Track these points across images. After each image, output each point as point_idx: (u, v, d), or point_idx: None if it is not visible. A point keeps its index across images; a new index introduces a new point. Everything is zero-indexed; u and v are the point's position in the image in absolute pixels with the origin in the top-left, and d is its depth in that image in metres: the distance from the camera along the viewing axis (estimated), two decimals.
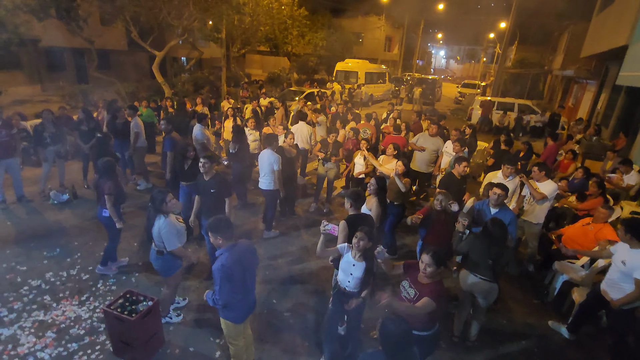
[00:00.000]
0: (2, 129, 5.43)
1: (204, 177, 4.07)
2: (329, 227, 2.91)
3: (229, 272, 2.57)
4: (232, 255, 2.63)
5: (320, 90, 15.58)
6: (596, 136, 8.40)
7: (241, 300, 2.77)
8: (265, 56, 28.92)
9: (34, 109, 10.70)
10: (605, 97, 13.16)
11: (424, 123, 8.90)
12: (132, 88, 14.45)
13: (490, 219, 3.38)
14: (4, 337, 3.38)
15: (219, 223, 2.66)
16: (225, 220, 2.71)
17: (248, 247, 2.84)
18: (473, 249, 3.36)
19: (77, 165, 7.16)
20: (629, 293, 3.12)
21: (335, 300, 3.07)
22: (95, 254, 4.73)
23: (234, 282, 2.62)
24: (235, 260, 2.62)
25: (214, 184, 4.03)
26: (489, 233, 3.23)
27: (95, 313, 3.73)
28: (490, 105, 15.02)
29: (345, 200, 3.48)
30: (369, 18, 32.22)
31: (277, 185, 5.09)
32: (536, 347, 3.73)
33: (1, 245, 4.82)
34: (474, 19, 36.71)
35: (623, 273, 3.17)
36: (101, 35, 15.63)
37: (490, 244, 3.23)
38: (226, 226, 2.66)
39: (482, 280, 3.28)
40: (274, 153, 5.04)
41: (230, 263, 2.59)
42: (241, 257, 2.69)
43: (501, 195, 3.86)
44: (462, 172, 4.77)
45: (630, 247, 3.17)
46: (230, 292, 2.62)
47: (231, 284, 2.60)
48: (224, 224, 2.67)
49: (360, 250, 2.81)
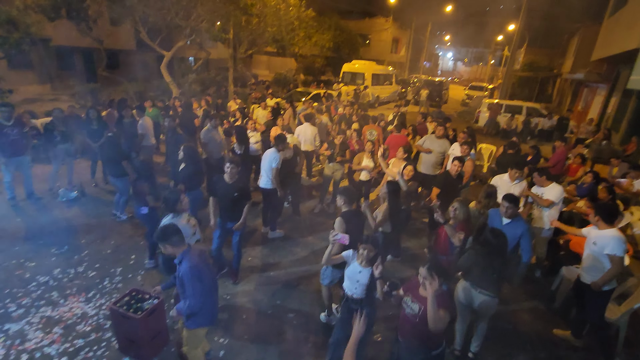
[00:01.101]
0: (14, 127, 5.51)
1: (226, 180, 4.06)
2: (338, 236, 2.89)
3: (198, 271, 2.57)
4: (192, 256, 2.62)
5: (326, 92, 15.58)
6: (606, 140, 8.28)
7: (210, 303, 2.77)
8: (272, 57, 28.98)
9: (44, 107, 10.85)
10: (615, 101, 12.99)
11: (430, 125, 8.86)
12: (140, 87, 14.58)
13: (490, 229, 3.19)
14: (12, 332, 3.43)
15: (166, 231, 2.63)
16: (171, 228, 2.66)
17: (201, 250, 2.80)
18: (476, 265, 3.19)
19: (86, 164, 7.24)
20: (606, 271, 3.25)
21: (343, 308, 3.07)
22: (102, 252, 4.78)
23: (204, 282, 2.62)
24: (198, 260, 2.62)
25: (237, 188, 4.05)
26: (489, 245, 3.06)
27: (102, 310, 3.77)
28: (498, 108, 14.90)
29: (338, 197, 3.52)
30: (376, 20, 32.18)
31: (275, 184, 5.07)
32: (543, 353, 3.68)
33: (11, 241, 4.89)
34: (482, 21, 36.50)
35: (595, 253, 3.34)
36: (110, 35, 15.81)
37: (492, 257, 3.08)
38: (174, 233, 2.63)
39: (484, 295, 3.17)
40: (276, 152, 5.05)
41: (195, 262, 2.59)
42: (201, 257, 2.70)
43: (509, 207, 3.66)
44: (456, 171, 4.83)
45: (599, 228, 3.36)
46: (203, 293, 2.61)
47: (202, 284, 2.60)
48: (171, 231, 2.63)
49: (368, 260, 2.84)
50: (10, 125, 5.46)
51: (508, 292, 4.49)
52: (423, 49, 36.70)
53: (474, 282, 3.22)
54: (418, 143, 6.77)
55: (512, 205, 3.67)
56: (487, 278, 3.13)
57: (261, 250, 5.14)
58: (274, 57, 28.76)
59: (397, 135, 6.89)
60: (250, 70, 26.10)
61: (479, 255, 3.19)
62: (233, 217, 4.09)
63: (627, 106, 11.52)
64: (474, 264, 3.20)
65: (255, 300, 4.11)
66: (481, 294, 3.19)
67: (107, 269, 4.45)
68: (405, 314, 2.64)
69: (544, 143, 12.92)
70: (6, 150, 5.47)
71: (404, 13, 30.94)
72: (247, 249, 5.04)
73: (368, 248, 2.80)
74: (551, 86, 26.93)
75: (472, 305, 3.29)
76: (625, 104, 11.83)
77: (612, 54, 11.88)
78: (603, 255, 3.27)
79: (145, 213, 4.21)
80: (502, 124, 14.33)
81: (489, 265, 3.10)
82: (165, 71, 13.14)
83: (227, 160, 4.18)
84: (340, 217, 3.37)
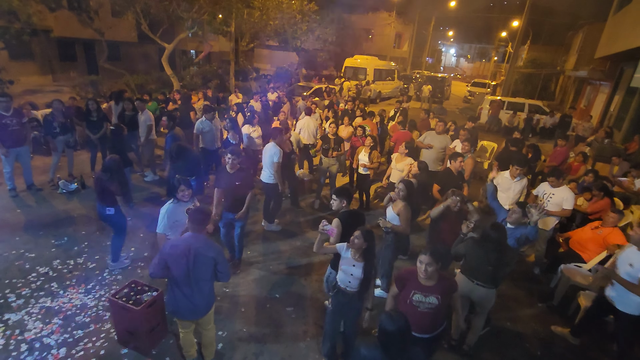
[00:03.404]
0: (14, 118, 5.49)
1: (228, 171, 4.10)
2: (327, 227, 2.91)
3: (164, 255, 2.64)
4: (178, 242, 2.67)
5: (328, 86, 15.50)
6: (608, 139, 8.24)
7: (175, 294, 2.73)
8: (274, 51, 28.85)
9: (45, 98, 10.81)
10: (619, 99, 12.91)
11: (432, 121, 8.82)
12: (141, 80, 14.54)
13: (491, 223, 3.22)
14: (12, 322, 3.44)
15: (198, 214, 2.72)
16: (204, 215, 2.75)
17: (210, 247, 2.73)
18: (471, 254, 3.23)
19: (86, 156, 7.23)
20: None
21: (334, 300, 3.06)
22: (102, 244, 4.79)
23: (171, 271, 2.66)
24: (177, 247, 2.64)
25: (239, 177, 4.09)
26: (489, 238, 3.10)
27: (101, 302, 3.78)
28: (500, 105, 14.83)
29: (334, 197, 3.48)
30: (379, 14, 31.90)
31: (276, 178, 5.07)
32: (539, 351, 3.70)
33: (11, 232, 4.90)
34: (485, 17, 36.18)
35: (630, 276, 3.13)
36: (111, 26, 15.72)
37: (489, 250, 3.10)
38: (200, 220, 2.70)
39: (479, 286, 3.20)
40: (276, 146, 5.03)
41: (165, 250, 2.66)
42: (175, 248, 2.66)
43: (515, 212, 3.61)
44: (458, 167, 4.81)
45: (639, 249, 3.14)
46: (156, 270, 2.67)
47: (157, 262, 2.66)
48: (201, 217, 2.71)
49: (358, 249, 2.80)
50: (10, 116, 5.43)
51: (507, 289, 4.50)
52: (426, 45, 36.39)
53: (471, 274, 3.24)
54: (419, 139, 6.76)
55: (521, 211, 3.60)
56: (483, 270, 3.15)
57: (261, 243, 5.15)
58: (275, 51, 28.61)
59: (402, 131, 6.97)
60: (252, 63, 25.97)
61: (477, 245, 3.21)
62: (235, 207, 4.12)
63: (630, 104, 11.44)
64: (470, 252, 3.22)
65: (254, 293, 4.13)
66: (478, 286, 3.20)
67: (106, 260, 4.45)
68: (421, 311, 2.62)
69: (545, 141, 12.88)
70: (6, 140, 5.46)
71: (407, 8, 30.69)
72: (247, 242, 5.04)
73: (357, 236, 2.76)
74: (554, 83, 26.77)
75: (470, 297, 3.32)
76: (628, 102, 11.76)
77: (616, 52, 11.79)
78: (636, 279, 3.05)
79: (111, 213, 4.07)
80: (504, 121, 14.28)
81: (484, 256, 3.12)
82: (166, 64, 13.08)
83: (228, 151, 4.18)
84: (337, 218, 3.36)
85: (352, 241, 2.80)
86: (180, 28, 13.48)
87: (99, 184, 4.01)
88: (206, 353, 3.15)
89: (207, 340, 3.10)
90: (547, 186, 4.77)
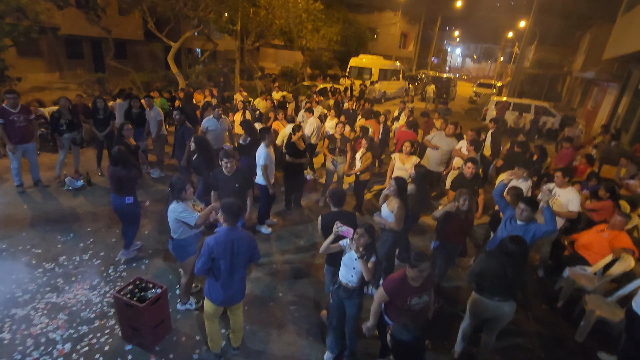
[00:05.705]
0: (21, 115, 5.55)
1: (225, 173, 4.11)
2: (342, 228, 2.91)
3: (211, 249, 2.76)
4: (221, 236, 2.80)
5: (333, 86, 15.48)
6: (615, 141, 8.14)
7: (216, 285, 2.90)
8: (279, 50, 28.81)
9: (52, 95, 10.92)
10: (626, 100, 12.76)
11: (437, 122, 8.78)
12: (147, 78, 14.62)
13: (509, 236, 2.97)
14: (18, 317, 3.49)
15: (232, 206, 2.81)
16: (237, 207, 2.84)
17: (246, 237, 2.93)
18: (487, 271, 2.97)
19: (92, 153, 7.29)
20: None
21: (335, 295, 3.11)
22: (107, 240, 4.83)
23: (210, 260, 2.80)
24: (220, 242, 2.78)
25: (237, 178, 4.11)
26: (506, 252, 2.86)
27: (106, 298, 3.82)
28: (506, 105, 14.72)
29: (328, 199, 3.55)
30: (385, 14, 31.76)
31: (264, 180, 4.96)
32: (544, 353, 3.68)
33: (18, 228, 4.96)
34: (492, 17, 35.84)
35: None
36: (118, 25, 15.80)
37: (506, 264, 2.86)
38: (234, 212, 2.80)
39: (501, 302, 2.99)
40: (264, 147, 4.89)
41: (214, 242, 2.78)
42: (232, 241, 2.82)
43: (525, 210, 3.45)
44: (470, 173, 4.76)
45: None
46: (204, 266, 2.81)
47: (205, 258, 2.79)
48: (235, 209, 2.81)
49: (362, 246, 2.83)
50: (17, 113, 5.49)
51: None
52: (431, 45, 36.20)
53: (489, 291, 3.02)
54: (427, 138, 6.74)
55: (530, 208, 3.45)
56: (501, 284, 2.94)
57: (263, 242, 5.16)
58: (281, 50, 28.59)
59: (406, 131, 6.96)
60: (257, 62, 26.01)
61: (492, 259, 2.99)
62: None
63: (638, 106, 11.31)
64: (486, 268, 2.99)
65: (257, 292, 4.14)
66: (499, 302, 3.00)
67: (112, 257, 4.49)
68: (418, 309, 2.73)
69: (551, 143, 12.76)
70: (13, 137, 5.51)
71: (413, 7, 30.51)
72: None
73: (361, 233, 2.81)
74: (561, 84, 26.53)
75: (490, 316, 3.14)
76: (636, 104, 11.62)
77: (625, 53, 11.65)
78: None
79: (131, 202, 4.19)
80: (509, 122, 14.16)
81: (502, 273, 2.89)
82: (172, 62, 13.14)
83: (221, 155, 4.15)
84: (320, 217, 3.46)
85: (358, 240, 2.83)
86: (187, 26, 13.55)
87: (115, 176, 4.06)
88: (235, 338, 3.27)
89: (236, 326, 3.22)
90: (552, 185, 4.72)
